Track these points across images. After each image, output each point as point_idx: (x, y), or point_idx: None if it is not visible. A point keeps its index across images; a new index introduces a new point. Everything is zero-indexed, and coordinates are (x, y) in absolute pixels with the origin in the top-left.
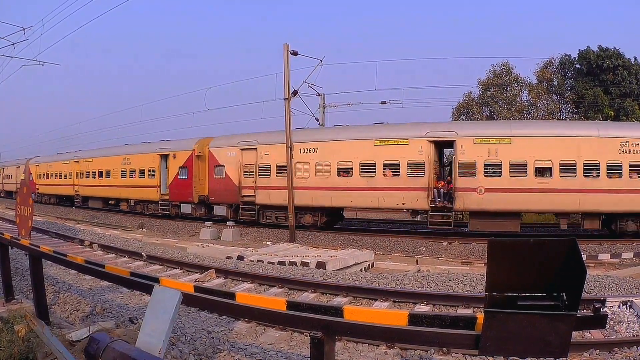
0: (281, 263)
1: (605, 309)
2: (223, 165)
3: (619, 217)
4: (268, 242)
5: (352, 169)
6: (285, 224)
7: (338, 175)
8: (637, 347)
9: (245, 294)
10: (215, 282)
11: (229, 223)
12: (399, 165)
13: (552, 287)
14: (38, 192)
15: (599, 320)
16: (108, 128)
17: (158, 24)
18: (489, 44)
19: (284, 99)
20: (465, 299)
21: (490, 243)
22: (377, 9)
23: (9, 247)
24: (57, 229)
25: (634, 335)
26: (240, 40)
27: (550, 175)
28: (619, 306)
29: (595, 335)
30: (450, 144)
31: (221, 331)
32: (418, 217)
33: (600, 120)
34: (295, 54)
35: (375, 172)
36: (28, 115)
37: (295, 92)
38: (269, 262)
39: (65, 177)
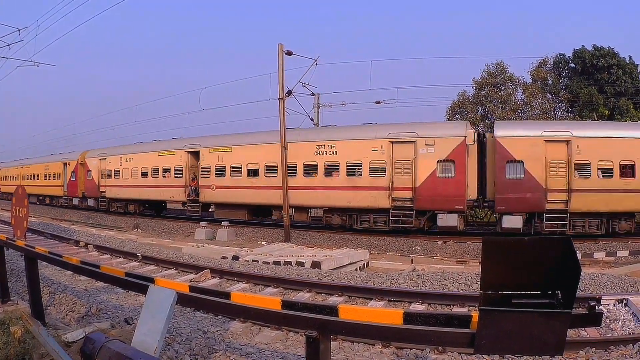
0: (276, 263)
1: (601, 307)
2: (91, 170)
3: (326, 212)
4: (263, 242)
5: (148, 172)
6: (121, 211)
7: (142, 177)
8: (633, 345)
9: (241, 293)
10: (210, 282)
11: (223, 223)
12: (170, 169)
13: (547, 285)
14: (0, 192)
15: (594, 318)
16: (104, 129)
17: (152, 24)
18: (483, 44)
19: (279, 99)
20: (460, 297)
21: (484, 242)
22: (371, 8)
23: (5, 248)
24: (52, 230)
25: (630, 334)
26: (235, 39)
27: (258, 175)
28: (614, 304)
29: (591, 333)
30: (198, 153)
31: (217, 331)
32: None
33: (595, 119)
34: (289, 53)
35: (159, 174)
36: (24, 115)
37: (289, 92)
38: (264, 262)
39: (15, 178)
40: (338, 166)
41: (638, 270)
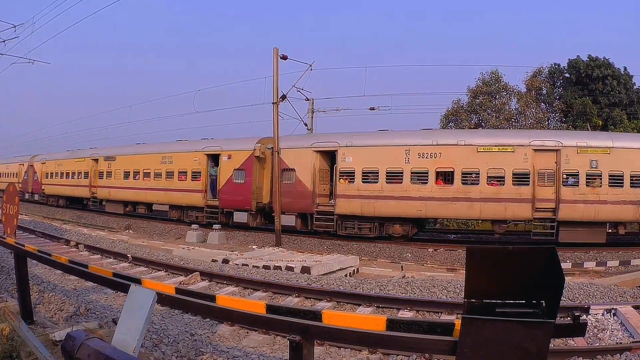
0: (266, 267)
1: (589, 316)
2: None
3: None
4: (254, 246)
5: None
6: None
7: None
8: (620, 355)
9: (226, 296)
10: (199, 285)
11: (215, 226)
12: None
13: (531, 294)
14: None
15: (578, 328)
16: (96, 128)
17: (148, 24)
18: (479, 52)
19: (273, 103)
20: (448, 305)
21: (468, 250)
22: (366, 14)
23: None
24: (43, 228)
25: (617, 343)
26: (230, 43)
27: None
28: (603, 314)
29: (578, 342)
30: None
31: (204, 334)
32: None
33: (588, 129)
34: (284, 58)
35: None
36: (19, 114)
37: (284, 97)
38: (253, 266)
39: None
40: None
41: (628, 280)
